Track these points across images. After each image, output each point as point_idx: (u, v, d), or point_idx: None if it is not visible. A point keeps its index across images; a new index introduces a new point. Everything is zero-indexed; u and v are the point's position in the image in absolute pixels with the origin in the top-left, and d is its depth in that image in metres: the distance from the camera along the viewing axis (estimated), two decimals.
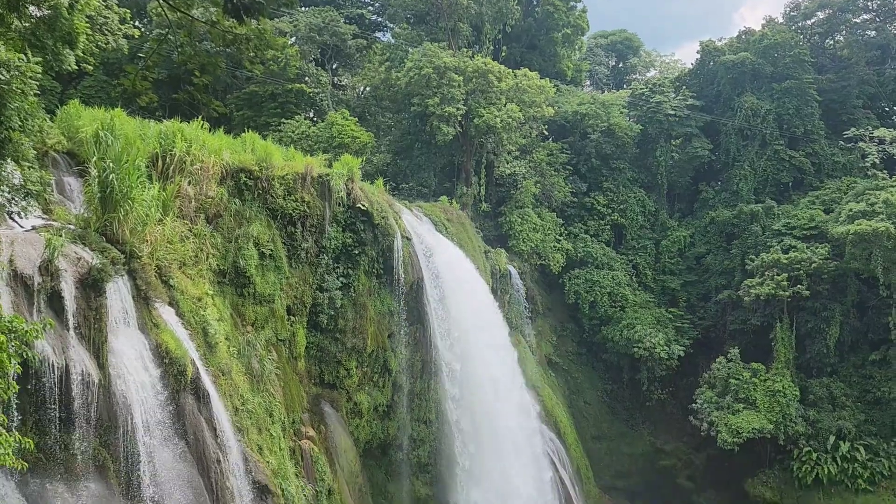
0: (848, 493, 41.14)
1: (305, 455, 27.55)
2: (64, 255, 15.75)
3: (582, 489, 45.50)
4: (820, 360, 44.85)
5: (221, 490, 19.60)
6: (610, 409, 51.78)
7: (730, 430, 42.35)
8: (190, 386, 18.99)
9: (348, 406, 33.09)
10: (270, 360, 26.23)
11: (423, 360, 36.69)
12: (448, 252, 37.28)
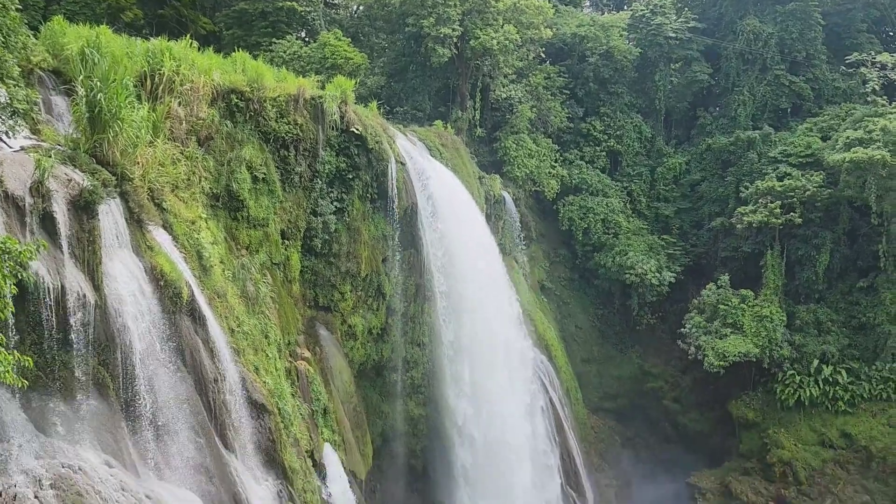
0: (828, 414, 42.52)
1: (301, 376, 28.14)
2: (55, 177, 15.59)
3: (571, 410, 46.89)
4: (808, 286, 45.50)
5: (219, 408, 20.10)
6: (600, 333, 52.75)
7: (716, 353, 43.34)
8: (186, 308, 19.19)
9: (343, 328, 33.59)
10: (265, 284, 26.44)
11: (417, 283, 37.04)
12: (442, 177, 37.11)
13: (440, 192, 35.87)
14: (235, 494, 19.80)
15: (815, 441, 42.36)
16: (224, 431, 20.35)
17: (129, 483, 15.39)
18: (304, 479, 24.29)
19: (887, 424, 40.74)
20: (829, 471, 41.17)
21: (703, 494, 44.44)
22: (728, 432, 46.38)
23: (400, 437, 37.90)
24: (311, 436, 26.91)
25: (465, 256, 37.05)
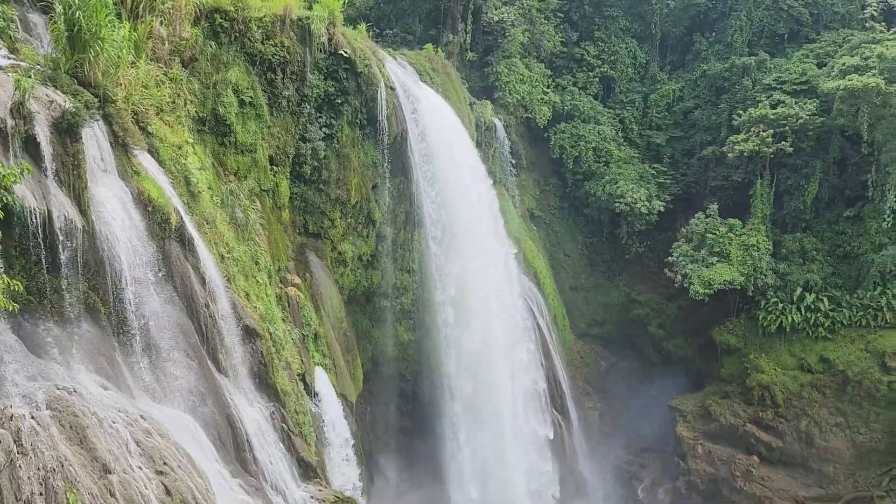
0: (808, 340, 43.54)
1: (291, 301, 28.41)
2: (35, 98, 15.23)
3: (558, 336, 47.81)
4: (796, 215, 45.79)
5: (211, 333, 20.35)
6: (588, 261, 53.22)
7: (702, 281, 43.93)
8: (175, 233, 19.14)
9: (333, 255, 33.72)
10: (254, 210, 26.34)
11: (407, 211, 37.02)
12: (433, 103, 36.55)
13: (430, 118, 35.41)
14: (229, 416, 20.28)
15: (794, 366, 43.58)
16: (216, 355, 20.66)
17: (124, 404, 15.71)
18: (296, 401, 24.85)
19: (864, 350, 41.86)
20: (805, 394, 42.52)
21: (684, 417, 45.93)
22: (710, 358, 47.56)
23: (390, 361, 38.65)
24: (302, 360, 27.39)
25: (455, 184, 36.92)
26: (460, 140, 37.96)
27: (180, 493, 15.02)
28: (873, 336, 42.00)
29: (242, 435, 20.38)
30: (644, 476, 47.08)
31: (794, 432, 42.07)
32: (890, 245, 42.19)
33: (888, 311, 41.89)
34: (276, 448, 22.27)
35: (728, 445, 43.69)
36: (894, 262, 42.12)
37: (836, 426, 41.43)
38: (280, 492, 21.08)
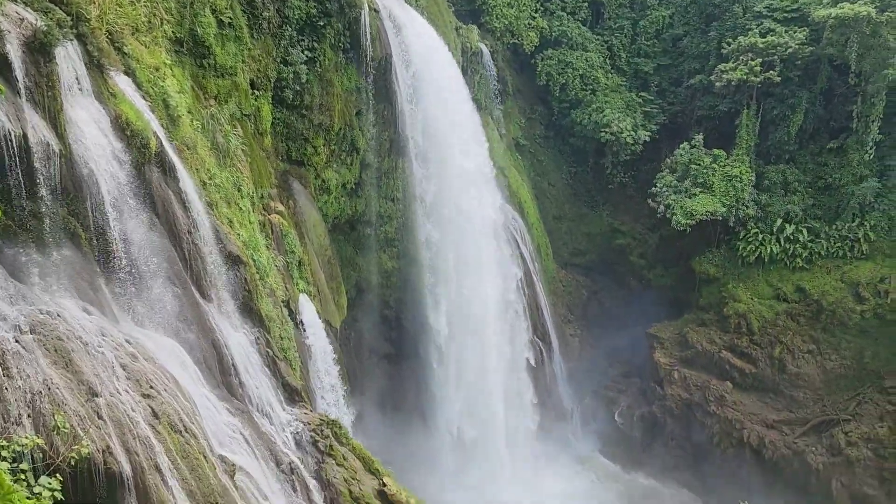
0: (786, 270, 44.32)
1: (275, 228, 28.32)
2: (5, 15, 14.66)
3: (541, 264, 48.28)
4: (780, 147, 45.81)
5: (194, 259, 20.32)
6: (573, 191, 53.26)
7: (684, 212, 44.24)
8: (154, 159, 18.85)
9: (316, 183, 33.47)
10: (236, 136, 25.89)
11: (391, 138, 36.63)
12: (418, 27, 35.66)
13: (415, 42, 34.62)
14: (214, 341, 20.49)
15: (770, 295, 44.49)
16: (200, 282, 20.71)
17: (108, 329, 15.79)
18: (281, 326, 25.12)
19: (840, 280, 42.74)
20: (780, 322, 43.58)
21: (662, 344, 47.05)
22: (689, 287, 48.39)
23: (374, 288, 38.99)
24: (286, 286, 27.53)
25: (439, 111, 36.43)
26: (446, 66, 37.23)
27: (167, 416, 15.31)
28: (849, 267, 42.82)
29: (228, 360, 20.66)
30: (621, 401, 48.52)
31: (767, 359, 43.34)
32: (871, 177, 42.51)
33: (864, 243, 42.58)
34: (261, 373, 22.64)
35: (703, 371, 45.00)
36: (874, 194, 42.54)
37: (808, 353, 42.69)
38: (266, 415, 21.55)
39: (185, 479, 14.78)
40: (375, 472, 23.95)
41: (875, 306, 41.01)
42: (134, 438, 13.91)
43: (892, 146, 42.55)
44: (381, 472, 24.09)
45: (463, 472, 38.87)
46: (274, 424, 21.64)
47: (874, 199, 42.72)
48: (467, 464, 39.21)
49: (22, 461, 10.23)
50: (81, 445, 10.88)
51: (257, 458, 19.74)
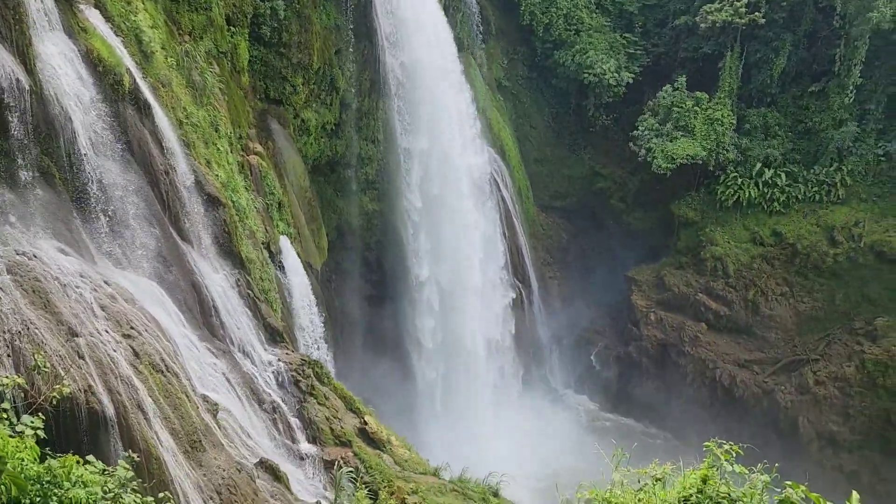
0: (763, 214, 44.83)
1: (254, 170, 28.01)
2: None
3: (521, 207, 48.37)
4: (762, 90, 45.71)
5: (172, 200, 20.12)
6: (555, 133, 52.96)
7: (665, 156, 44.29)
8: (129, 96, 18.43)
9: (296, 123, 32.99)
10: (212, 73, 25.30)
11: (372, 78, 36.03)
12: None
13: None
14: (194, 282, 20.49)
15: (747, 239, 45.10)
16: (179, 223, 20.56)
17: (86, 270, 15.71)
18: (261, 268, 25.12)
19: (815, 224, 43.36)
20: (756, 265, 44.33)
21: (640, 286, 47.76)
22: (668, 231, 48.86)
23: (354, 231, 38.96)
24: (266, 228, 27.42)
25: (420, 50, 35.78)
26: (426, 3, 36.39)
27: (148, 356, 15.41)
28: (825, 211, 43.39)
29: (209, 301, 20.70)
30: (598, 341, 49.50)
31: (741, 301, 44.24)
32: (850, 121, 42.69)
33: (841, 187, 43.06)
34: (242, 314, 22.74)
35: (679, 313, 45.89)
36: (852, 139, 42.80)
37: (782, 296, 43.61)
38: (247, 355, 21.75)
39: (168, 417, 14.98)
40: (356, 411, 24.41)
41: (848, 250, 41.78)
42: (115, 378, 14.02)
43: (872, 90, 42.64)
44: (362, 410, 24.56)
45: (444, 410, 39.73)
46: (255, 365, 21.87)
47: (852, 143, 43.00)
48: (448, 402, 40.04)
49: (3, 401, 10.28)
50: (63, 385, 10.94)
51: (239, 397, 20.03)
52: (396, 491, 21.20)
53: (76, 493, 8.70)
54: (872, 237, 41.20)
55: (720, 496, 7.96)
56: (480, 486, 23.62)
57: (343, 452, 21.95)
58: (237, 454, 17.57)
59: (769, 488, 8.78)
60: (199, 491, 14.81)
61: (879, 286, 40.97)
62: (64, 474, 8.84)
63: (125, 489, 9.45)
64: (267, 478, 18.22)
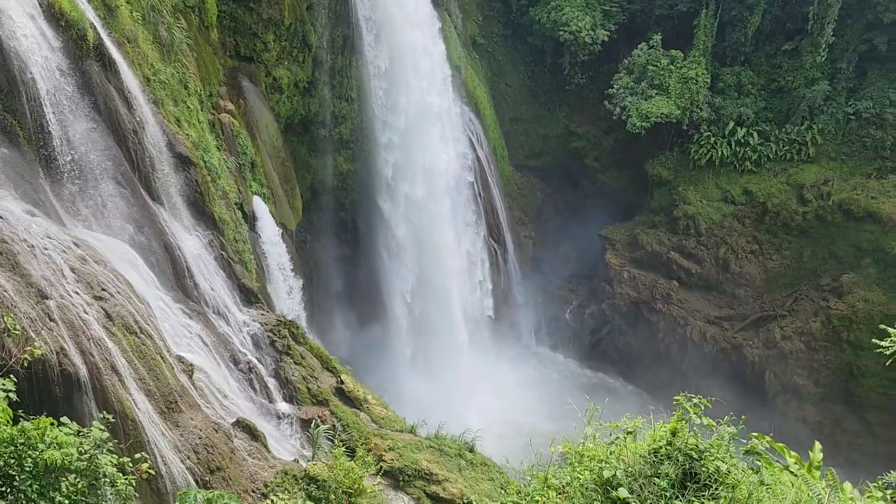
0: (735, 173, 45.28)
1: (226, 129, 27.52)
2: None
3: (497, 167, 48.26)
4: (736, 48, 45.73)
5: (141, 160, 19.75)
6: (530, 92, 52.64)
7: (640, 114, 44.32)
8: (93, 52, 17.91)
9: (267, 81, 32.37)
10: (180, 29, 24.62)
11: (345, 35, 35.35)
12: None
13: None
14: (167, 244, 20.26)
15: (718, 197, 45.59)
16: (149, 183, 20.22)
17: (54, 231, 15.44)
18: (235, 229, 24.89)
19: (785, 183, 43.92)
20: (727, 224, 44.93)
21: (613, 245, 48.22)
22: (642, 190, 49.18)
23: (329, 191, 38.64)
24: (239, 188, 27.08)
25: (394, 6, 35.11)
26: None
27: (121, 318, 15.29)
28: (795, 170, 43.93)
29: (182, 262, 20.51)
30: (573, 299, 50.08)
31: (712, 259, 44.94)
32: (822, 80, 42.96)
33: (812, 146, 43.55)
34: (216, 275, 22.59)
35: (651, 271, 46.52)
36: (823, 97, 43.13)
37: (752, 253, 44.35)
38: (222, 316, 21.68)
39: (143, 378, 14.95)
40: (333, 370, 24.56)
41: (817, 208, 42.46)
42: (88, 340, 13.91)
43: (843, 49, 42.86)
44: (339, 369, 24.72)
45: (420, 369, 40.09)
46: (231, 325, 21.83)
47: (823, 102, 43.35)
48: (425, 361, 40.40)
49: None
50: (34, 347, 10.85)
51: (215, 358, 20.02)
52: (373, 448, 21.50)
53: (51, 454, 8.71)
54: (840, 195, 41.89)
55: (689, 448, 8.19)
56: (456, 442, 24.02)
57: (320, 411, 22.14)
58: (214, 414, 17.64)
59: (736, 439, 9.06)
60: (177, 451, 14.89)
61: (846, 244, 41.83)
62: (38, 436, 8.83)
63: (100, 450, 9.47)
64: (244, 437, 18.35)
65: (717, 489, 7.95)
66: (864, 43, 42.36)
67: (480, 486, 22.12)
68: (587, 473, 8.65)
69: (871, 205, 40.67)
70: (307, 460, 19.46)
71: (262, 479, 17.51)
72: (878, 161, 42.48)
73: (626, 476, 8.24)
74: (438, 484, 21.53)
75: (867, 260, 40.81)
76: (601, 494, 8.27)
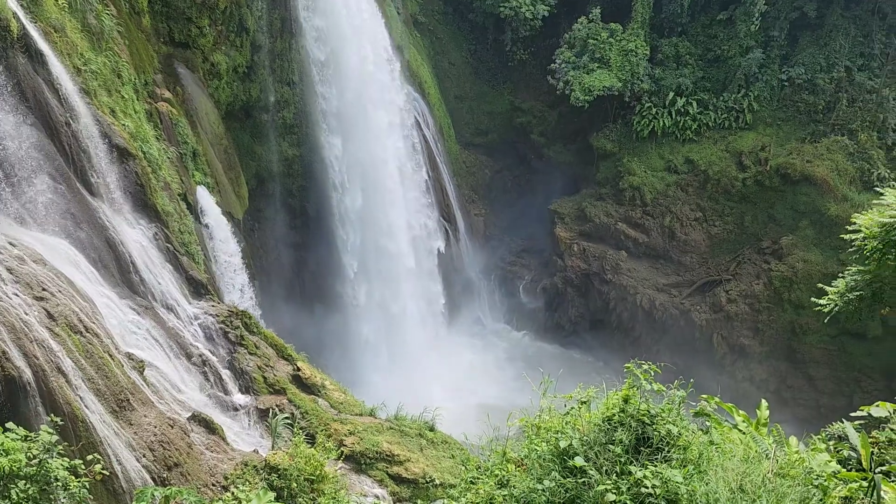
0: (676, 142, 46.23)
1: (164, 118, 26.77)
2: None
3: (444, 146, 48.20)
4: (673, 19, 46.47)
5: (76, 153, 19.10)
6: (473, 69, 52.58)
7: (583, 88, 44.77)
8: (18, 43, 17.17)
9: (205, 67, 31.54)
10: (109, 16, 23.75)
11: (283, 17, 34.67)
12: None
13: None
14: (108, 239, 19.70)
15: (662, 167, 46.53)
16: (86, 177, 19.59)
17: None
18: (180, 220, 24.34)
19: (725, 150, 45.06)
20: (671, 193, 45.94)
21: (562, 219, 48.81)
22: (588, 162, 49.81)
23: (275, 177, 38.03)
24: (182, 179, 26.45)
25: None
26: None
27: (65, 317, 14.86)
28: (733, 137, 45.08)
29: (126, 257, 19.99)
30: (525, 274, 50.62)
31: (658, 228, 45.94)
32: (756, 48, 44.02)
33: (748, 113, 44.71)
34: (163, 268, 22.09)
35: (600, 243, 47.31)
36: (758, 65, 44.24)
37: (696, 220, 45.48)
38: (171, 310, 21.26)
39: (92, 378, 14.59)
40: (289, 358, 24.37)
41: (756, 173, 43.71)
42: (31, 342, 13.49)
43: (775, 17, 43.94)
44: (295, 357, 24.54)
45: (376, 352, 40.09)
46: (181, 319, 21.43)
47: (758, 69, 44.47)
48: (380, 343, 40.39)
49: None
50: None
51: (166, 353, 19.65)
52: (334, 433, 21.48)
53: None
54: (777, 160, 43.20)
55: (641, 414, 8.42)
56: (416, 423, 24.17)
57: (277, 400, 21.98)
58: (168, 410, 17.34)
59: (686, 402, 9.35)
60: (131, 449, 14.62)
61: (784, 207, 43.24)
62: None
63: (50, 454, 9.25)
64: (201, 430, 18.12)
65: (670, 452, 8.21)
66: (795, 10, 43.52)
67: (442, 464, 22.35)
68: (544, 445, 8.82)
69: (807, 168, 42.07)
70: (267, 450, 19.33)
71: (221, 471, 17.34)
72: (812, 125, 43.92)
73: (582, 445, 8.44)
74: (400, 464, 21.67)
75: (805, 222, 42.30)
76: (558, 464, 8.45)
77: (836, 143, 42.45)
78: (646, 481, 7.64)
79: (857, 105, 43.04)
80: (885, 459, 10.98)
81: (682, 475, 7.75)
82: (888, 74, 43.07)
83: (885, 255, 11.48)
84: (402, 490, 21.27)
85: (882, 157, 42.33)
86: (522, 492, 8.44)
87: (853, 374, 40.38)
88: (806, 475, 8.73)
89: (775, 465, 8.84)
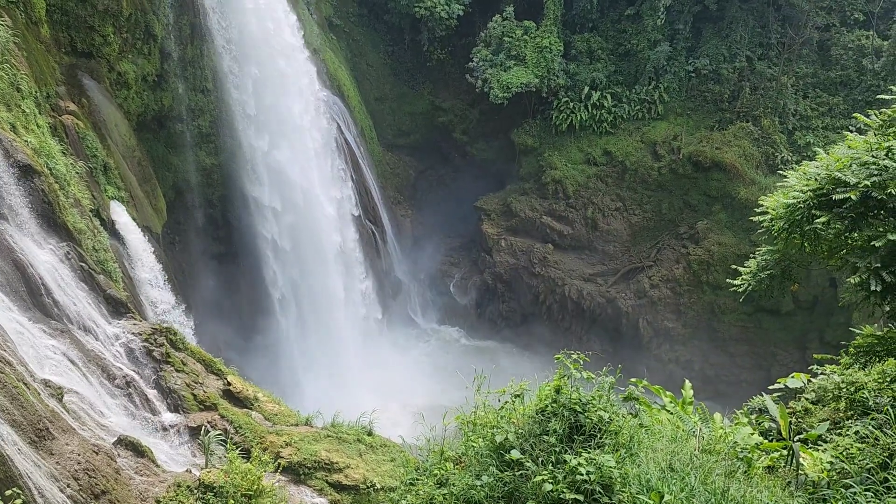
0: (594, 135, 47.45)
1: (70, 131, 25.61)
2: None
3: (367, 149, 47.92)
4: (584, 16, 47.65)
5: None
6: (392, 70, 52.48)
7: (501, 85, 45.37)
8: None
9: (111, 77, 30.36)
10: (4, 27, 22.55)
11: (192, 23, 33.71)
12: None
13: None
14: (16, 261, 18.70)
15: (582, 160, 47.67)
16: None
17: None
18: (93, 238, 23.35)
19: (640, 141, 46.56)
20: (591, 185, 47.12)
21: (489, 215, 49.35)
22: (510, 159, 50.52)
23: (194, 188, 36.99)
24: (93, 194, 25.38)
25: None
26: None
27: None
28: (647, 128, 46.62)
29: (36, 279, 19.01)
30: (455, 273, 50.92)
31: (581, 219, 47.05)
32: (663, 42, 45.62)
33: (660, 104, 46.32)
34: (77, 289, 21.12)
35: (527, 237, 48.08)
36: (666, 58, 45.87)
37: (616, 210, 46.81)
38: (90, 331, 20.36)
39: (6, 409, 13.82)
40: (218, 373, 23.73)
41: (670, 162, 45.35)
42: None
43: (679, 10, 45.65)
44: (224, 371, 23.92)
45: (308, 359, 39.52)
46: (100, 340, 20.55)
47: (666, 62, 46.12)
48: (312, 350, 39.83)
49: None
50: None
51: (86, 376, 18.82)
52: (269, 445, 21.05)
53: None
54: (689, 149, 44.93)
55: (573, 402, 8.61)
56: (354, 428, 23.93)
57: (209, 416, 21.37)
58: (92, 436, 16.61)
59: (616, 388, 9.61)
60: (54, 480, 13.92)
61: (698, 193, 45.03)
62: None
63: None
64: (129, 455, 17.43)
65: (602, 437, 8.42)
66: (697, 4, 45.33)
67: (382, 468, 22.23)
68: (481, 441, 8.91)
69: (716, 155, 43.94)
70: (200, 469, 18.77)
71: (153, 495, 16.73)
72: (719, 113, 45.89)
73: (518, 438, 8.57)
74: (340, 472, 21.43)
75: (717, 206, 44.16)
76: (496, 459, 8.56)
77: (742, 130, 44.50)
78: (580, 468, 7.82)
79: (759, 93, 45.22)
80: (802, 428, 11.60)
81: (615, 459, 7.97)
82: (785, 63, 45.42)
83: (791, 234, 12.10)
84: (343, 497, 21.05)
85: (784, 141, 44.61)
86: (462, 489, 8.50)
87: (770, 348, 42.44)
88: (731, 449, 9.12)
89: (702, 442, 9.20)
